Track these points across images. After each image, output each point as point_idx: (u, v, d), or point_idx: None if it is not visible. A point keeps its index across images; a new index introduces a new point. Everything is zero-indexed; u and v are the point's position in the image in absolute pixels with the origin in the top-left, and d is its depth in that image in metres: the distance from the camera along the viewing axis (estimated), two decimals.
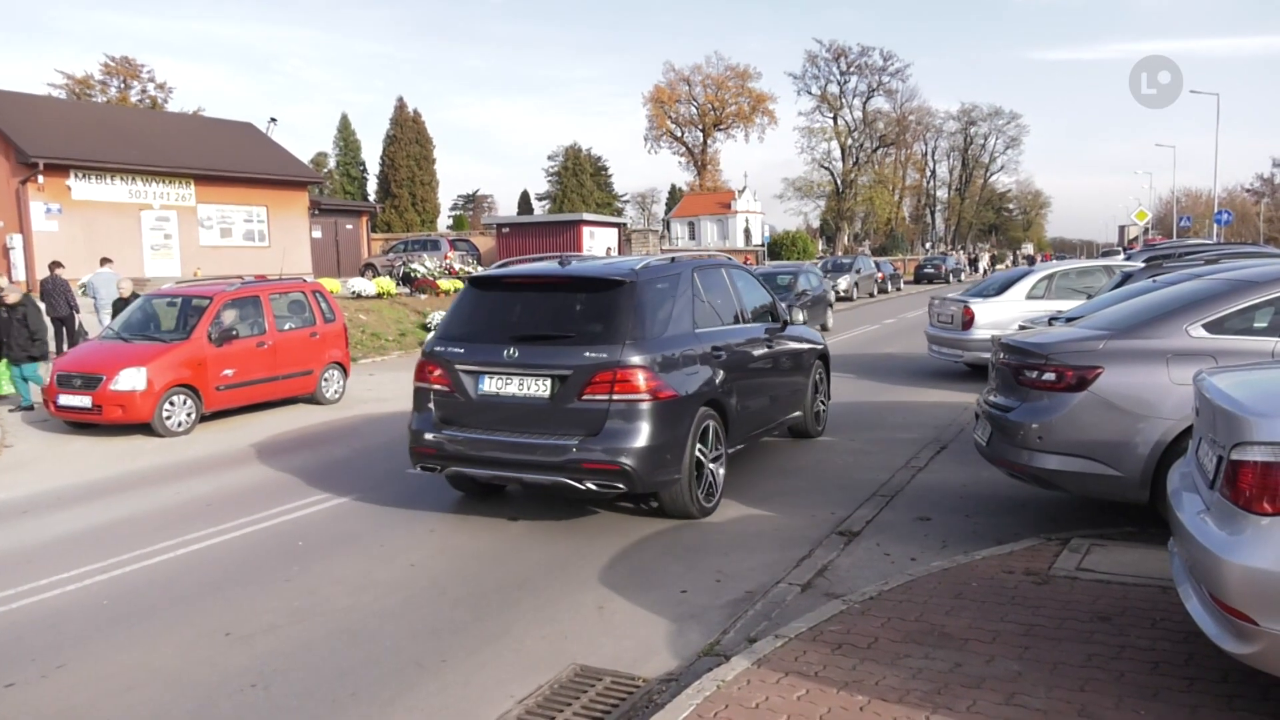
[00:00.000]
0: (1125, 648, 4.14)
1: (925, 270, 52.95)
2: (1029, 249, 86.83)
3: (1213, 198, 51.99)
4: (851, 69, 77.39)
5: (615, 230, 35.05)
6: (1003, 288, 14.41)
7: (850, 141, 79.37)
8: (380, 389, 14.34)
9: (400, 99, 66.94)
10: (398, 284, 23.35)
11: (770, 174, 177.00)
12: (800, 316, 9.81)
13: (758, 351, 8.24)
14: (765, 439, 9.03)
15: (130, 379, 10.84)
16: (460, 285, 23.34)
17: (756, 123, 79.04)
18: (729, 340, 7.67)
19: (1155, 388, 5.48)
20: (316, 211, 32.39)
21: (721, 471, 7.29)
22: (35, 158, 23.72)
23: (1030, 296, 13.78)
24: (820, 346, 10.09)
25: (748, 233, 72.13)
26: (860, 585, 5.33)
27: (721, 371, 7.33)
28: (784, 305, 9.60)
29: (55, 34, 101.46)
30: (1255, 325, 5.75)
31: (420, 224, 62.38)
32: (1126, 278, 11.37)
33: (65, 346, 15.46)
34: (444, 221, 75.22)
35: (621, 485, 6.44)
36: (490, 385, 6.76)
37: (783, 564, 5.93)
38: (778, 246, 55.71)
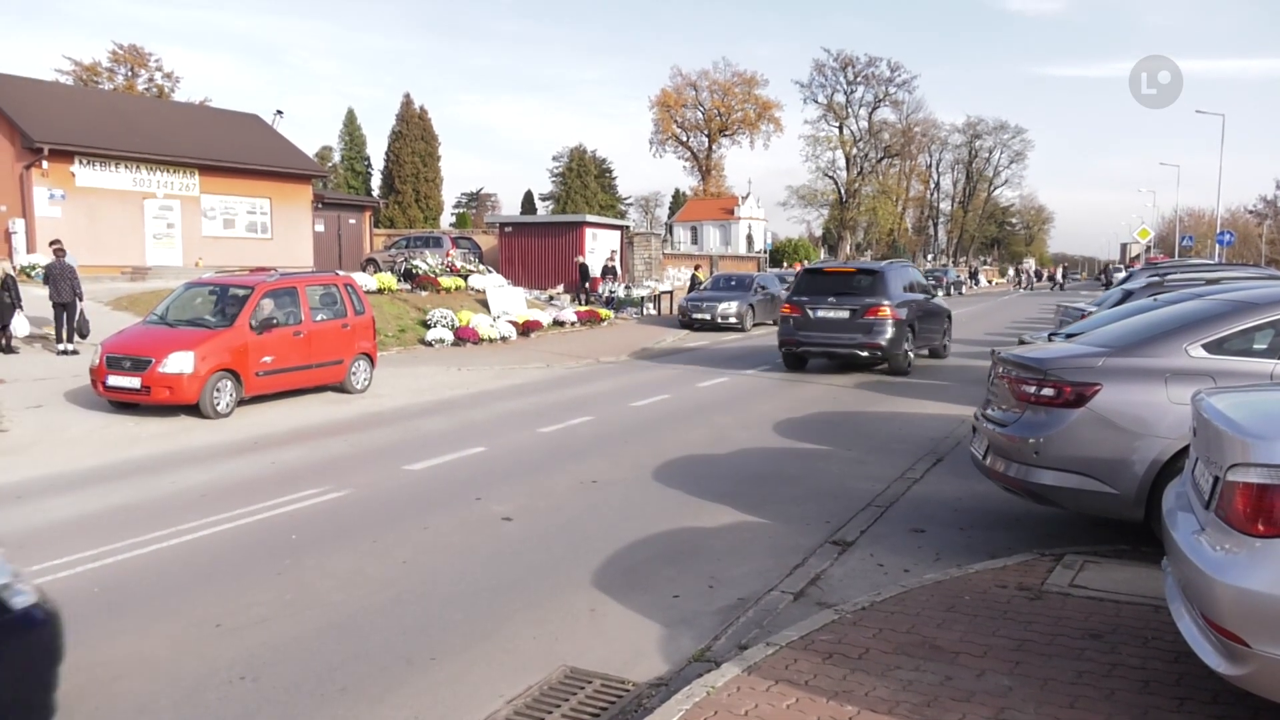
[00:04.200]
0: (1116, 666, 4.14)
1: None
2: (1030, 264, 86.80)
3: (1215, 218, 52.06)
4: (858, 79, 77.55)
5: (618, 233, 34.93)
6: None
7: (855, 151, 79.45)
8: (378, 385, 14.29)
9: (407, 95, 66.46)
10: (399, 280, 23.33)
11: (774, 181, 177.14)
12: (939, 294, 21.13)
13: (923, 307, 16.78)
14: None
15: (179, 362, 11.29)
16: (461, 283, 23.65)
17: (762, 130, 79.21)
18: (913, 299, 16.33)
19: (1153, 406, 5.48)
20: (320, 205, 32.31)
21: (913, 355, 16.21)
22: (40, 143, 23.67)
23: None
24: (948, 310, 19.12)
25: (750, 239, 72.10)
26: (853, 595, 5.33)
27: (912, 312, 15.92)
28: (934, 285, 21.09)
29: (64, 20, 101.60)
30: (1255, 347, 5.75)
31: (423, 221, 62.29)
32: (1127, 295, 11.36)
33: (64, 333, 15.43)
34: (447, 219, 75.16)
35: (881, 354, 15.29)
36: (821, 313, 15.60)
37: (776, 572, 5.93)
38: (780, 254, 55.72)
